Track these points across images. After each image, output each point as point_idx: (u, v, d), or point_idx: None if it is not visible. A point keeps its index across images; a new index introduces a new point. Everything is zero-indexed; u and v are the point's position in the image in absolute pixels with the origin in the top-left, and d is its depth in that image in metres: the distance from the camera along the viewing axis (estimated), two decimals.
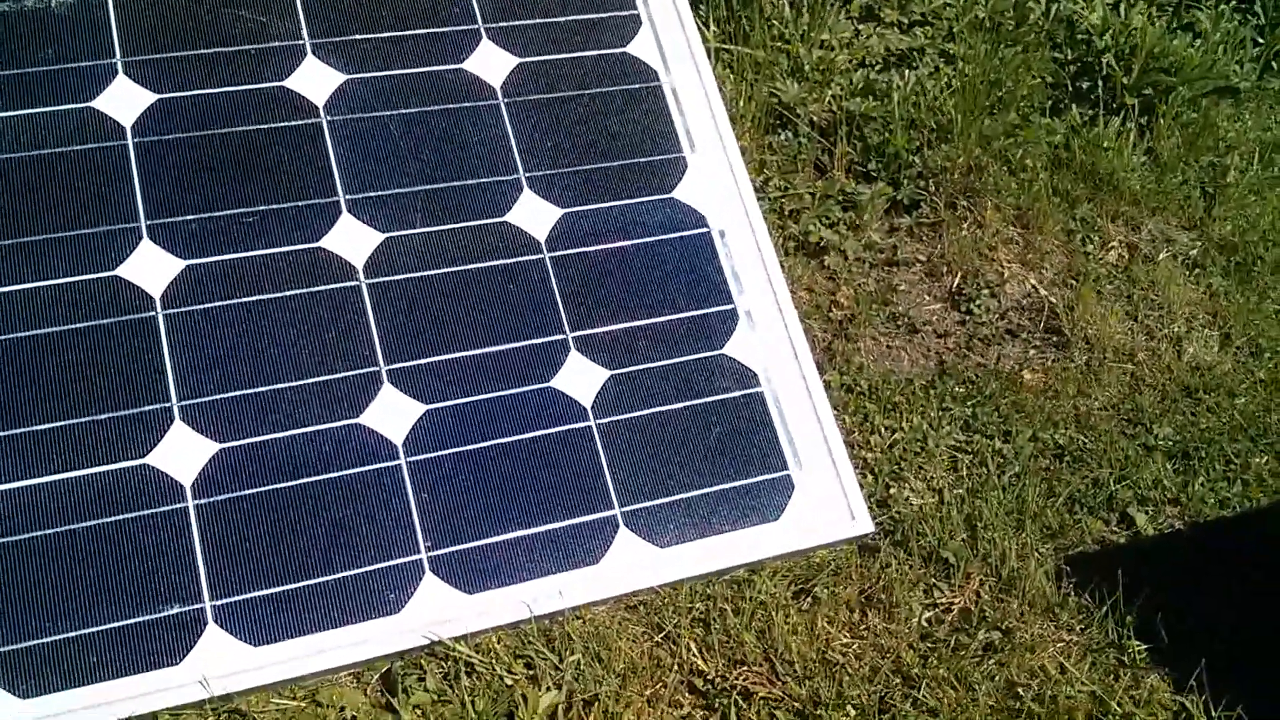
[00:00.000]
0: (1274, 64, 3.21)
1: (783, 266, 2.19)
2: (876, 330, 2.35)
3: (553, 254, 2.05)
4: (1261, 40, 3.17)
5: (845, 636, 1.81)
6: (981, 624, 1.85)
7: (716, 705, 1.72)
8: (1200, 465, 2.16)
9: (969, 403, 2.21)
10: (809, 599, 1.86)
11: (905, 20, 2.86)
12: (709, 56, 2.34)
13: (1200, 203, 2.71)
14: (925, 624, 1.85)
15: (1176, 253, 2.60)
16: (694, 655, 1.77)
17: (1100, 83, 2.83)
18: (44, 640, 1.64)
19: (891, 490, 2.04)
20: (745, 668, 1.75)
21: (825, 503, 1.96)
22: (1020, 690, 1.76)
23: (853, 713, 1.71)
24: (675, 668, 1.75)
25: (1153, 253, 2.58)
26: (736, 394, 2.02)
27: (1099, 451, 2.16)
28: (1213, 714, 1.77)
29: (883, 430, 2.14)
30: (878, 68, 2.77)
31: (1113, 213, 2.63)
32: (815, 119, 2.66)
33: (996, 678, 1.78)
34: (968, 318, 2.40)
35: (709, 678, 1.74)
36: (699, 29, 2.35)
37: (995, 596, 1.90)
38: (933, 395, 2.21)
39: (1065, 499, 2.07)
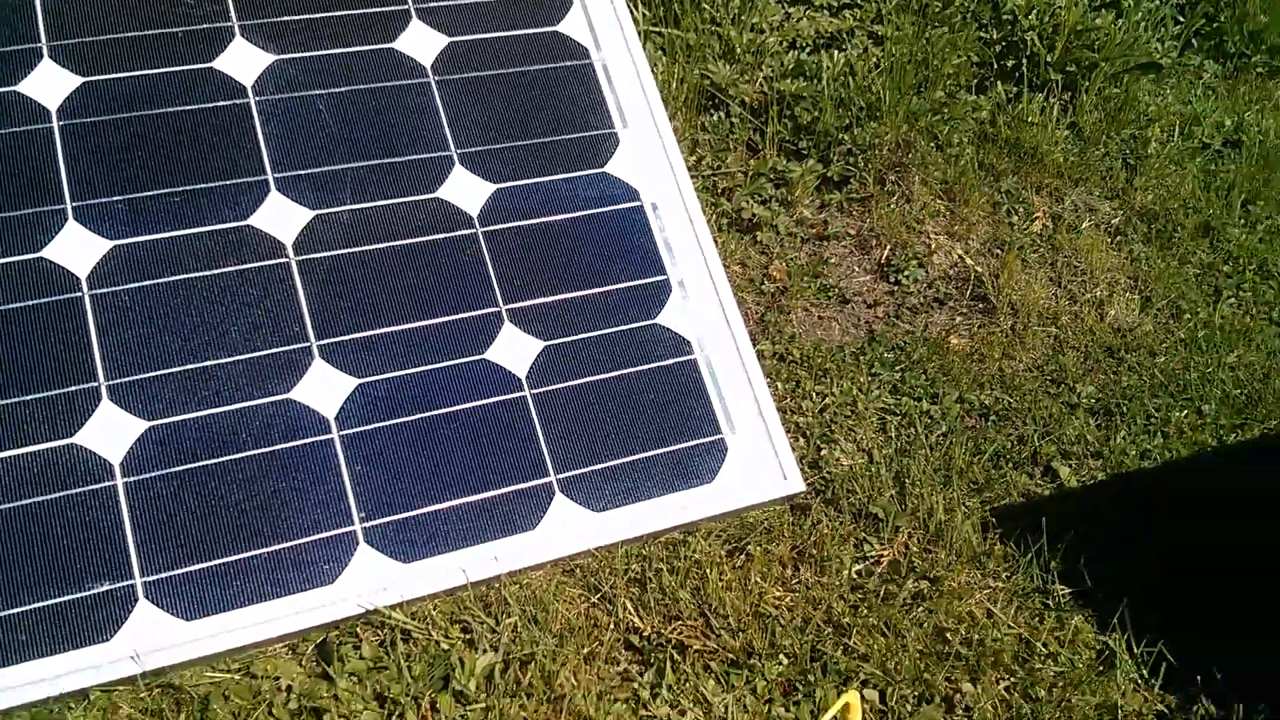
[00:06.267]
0: (1194, 41, 3.30)
1: (717, 243, 2.22)
2: (808, 301, 2.39)
3: (485, 229, 2.07)
4: (1182, 19, 3.27)
5: (778, 591, 1.84)
6: (910, 574, 1.88)
7: (652, 660, 1.74)
8: (1122, 420, 2.22)
9: (898, 368, 2.26)
10: (742, 557, 1.89)
11: (835, 3, 2.91)
12: (640, 39, 2.38)
13: (1122, 174, 2.78)
14: (855, 576, 1.88)
15: (1099, 222, 2.67)
16: (630, 614, 1.79)
17: (1025, 61, 2.90)
18: None
19: (823, 452, 2.08)
20: (680, 623, 1.77)
21: (758, 465, 1.99)
22: (948, 635, 1.80)
23: (785, 661, 1.74)
24: (612, 626, 1.77)
25: (1076, 222, 2.64)
26: (670, 362, 2.05)
27: (1024, 410, 2.21)
28: (1135, 651, 1.82)
29: (814, 395, 2.17)
30: (808, 49, 2.82)
31: (1037, 185, 2.70)
32: (747, 100, 2.70)
33: (925, 624, 1.81)
34: (896, 288, 2.45)
35: (645, 634, 1.76)
36: (630, 11, 2.38)
37: (923, 548, 1.94)
38: (862, 361, 2.26)
39: (991, 455, 2.11)
